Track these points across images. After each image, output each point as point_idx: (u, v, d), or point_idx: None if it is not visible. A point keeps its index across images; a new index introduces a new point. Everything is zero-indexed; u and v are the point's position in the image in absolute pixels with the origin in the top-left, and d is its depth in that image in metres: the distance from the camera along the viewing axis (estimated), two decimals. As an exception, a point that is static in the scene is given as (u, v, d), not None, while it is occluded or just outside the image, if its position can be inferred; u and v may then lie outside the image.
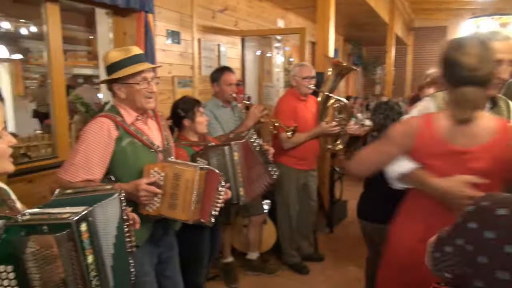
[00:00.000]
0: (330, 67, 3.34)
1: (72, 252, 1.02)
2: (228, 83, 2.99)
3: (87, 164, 1.67)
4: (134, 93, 1.78)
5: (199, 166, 1.73)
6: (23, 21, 6.00)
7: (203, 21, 4.18)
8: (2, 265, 0.99)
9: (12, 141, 1.15)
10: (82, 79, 7.38)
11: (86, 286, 1.06)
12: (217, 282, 3.26)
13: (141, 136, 1.81)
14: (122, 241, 1.29)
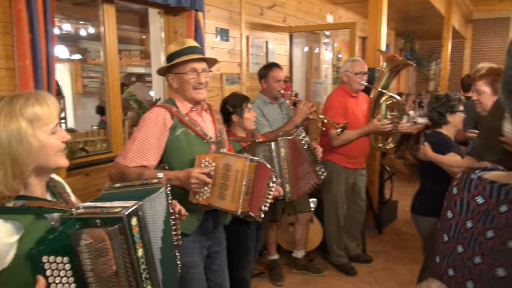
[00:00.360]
0: (384, 62, 3.21)
1: (123, 246, 1.04)
2: (276, 79, 2.97)
3: (143, 151, 1.76)
4: (184, 84, 1.86)
5: (249, 157, 1.74)
6: (82, 23, 6.33)
7: (251, 18, 4.19)
8: (59, 256, 1.01)
9: (66, 137, 1.17)
10: (135, 77, 7.69)
11: (136, 279, 1.07)
12: (262, 278, 3.26)
13: (195, 126, 1.87)
14: (169, 234, 1.31)
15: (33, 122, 1.07)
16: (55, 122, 1.13)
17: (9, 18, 2.23)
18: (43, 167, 1.12)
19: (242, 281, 2.58)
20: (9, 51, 2.26)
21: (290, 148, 2.31)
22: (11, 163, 1.03)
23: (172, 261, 1.33)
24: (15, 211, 1.04)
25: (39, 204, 1.09)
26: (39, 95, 1.12)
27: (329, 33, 5.78)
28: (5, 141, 1.02)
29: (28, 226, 1.04)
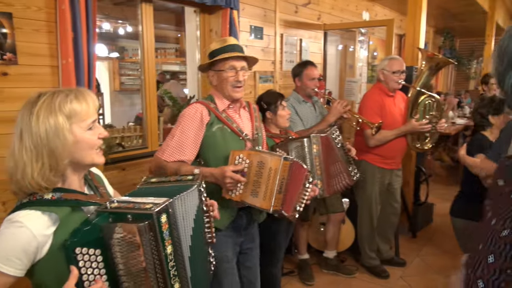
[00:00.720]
0: (424, 60, 3.10)
1: (152, 242, 1.04)
2: (310, 77, 2.94)
3: (181, 146, 1.81)
4: (222, 80, 1.89)
5: (284, 156, 1.73)
6: (121, 22, 6.52)
7: (285, 16, 4.18)
8: (91, 248, 1.02)
9: (103, 134, 1.18)
10: (169, 75, 7.84)
11: (164, 276, 1.08)
12: (291, 277, 3.25)
13: (231, 123, 1.89)
14: (200, 232, 1.30)
15: (70, 117, 1.09)
16: (93, 119, 1.14)
17: (54, 18, 2.33)
18: (78, 162, 1.14)
19: (272, 277, 2.58)
20: (53, 50, 2.36)
21: (323, 145, 2.29)
22: (48, 156, 1.06)
23: (203, 259, 1.32)
24: (53, 203, 1.08)
25: (76, 197, 1.12)
26: (79, 91, 1.14)
27: (365, 31, 5.67)
28: (43, 134, 1.06)
29: (64, 218, 1.08)
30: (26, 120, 1.08)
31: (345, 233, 3.47)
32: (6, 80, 2.19)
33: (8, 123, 2.22)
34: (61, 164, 1.08)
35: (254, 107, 2.10)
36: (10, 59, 2.20)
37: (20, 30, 2.22)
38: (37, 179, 1.06)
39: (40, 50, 2.32)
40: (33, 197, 1.08)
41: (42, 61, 2.33)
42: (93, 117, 1.14)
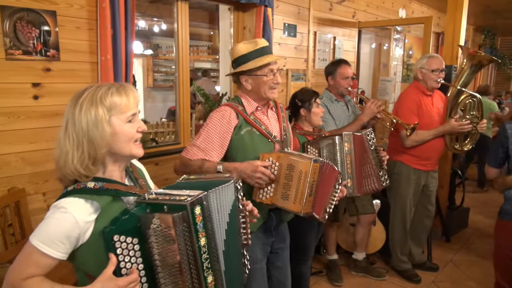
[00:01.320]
0: (465, 58, 2.99)
1: (186, 233, 1.06)
2: (344, 76, 2.89)
3: (206, 147, 1.81)
4: (260, 84, 1.85)
5: (314, 158, 1.71)
6: (156, 20, 6.64)
7: (320, 14, 4.14)
8: (129, 237, 1.05)
9: (142, 127, 1.20)
10: (201, 73, 7.94)
11: (198, 267, 1.09)
12: (320, 277, 3.22)
13: (260, 125, 1.88)
14: (236, 229, 1.29)
15: (110, 109, 1.13)
16: (132, 112, 1.17)
17: (95, 15, 2.41)
18: (117, 153, 1.17)
19: (302, 276, 2.57)
20: (93, 47, 2.44)
21: (355, 145, 2.26)
22: (87, 145, 1.11)
23: (237, 257, 1.31)
24: (95, 192, 1.12)
25: (116, 187, 1.15)
26: (121, 86, 1.18)
27: (401, 29, 5.53)
28: (84, 124, 1.11)
29: (105, 206, 1.12)
30: (71, 111, 1.14)
31: (375, 235, 3.41)
32: (49, 75, 2.29)
33: (50, 118, 2.32)
34: (99, 153, 1.12)
35: (281, 106, 2.07)
36: (53, 56, 2.29)
37: (63, 27, 2.31)
38: (76, 165, 1.11)
39: (81, 47, 2.40)
40: (77, 186, 1.13)
41: (82, 58, 2.42)
42: (132, 110, 1.17)
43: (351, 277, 3.24)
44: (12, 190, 2.20)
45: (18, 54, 2.16)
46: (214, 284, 1.14)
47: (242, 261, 1.35)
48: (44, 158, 2.32)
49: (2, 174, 2.17)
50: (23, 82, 2.20)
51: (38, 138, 2.29)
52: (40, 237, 1.07)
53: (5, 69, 2.12)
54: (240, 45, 1.88)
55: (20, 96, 2.19)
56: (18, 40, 2.14)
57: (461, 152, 3.17)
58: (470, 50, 3.03)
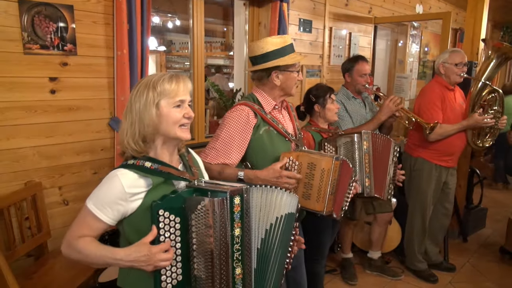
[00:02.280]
0: (490, 51, 2.91)
1: (222, 219, 1.13)
2: (361, 73, 2.84)
3: (226, 149, 1.77)
4: (290, 80, 1.84)
5: (335, 156, 1.68)
6: (170, 16, 6.65)
7: (335, 9, 4.08)
8: (172, 214, 1.14)
9: (189, 114, 1.28)
10: (214, 69, 7.93)
11: (227, 256, 1.14)
12: (334, 276, 3.19)
13: (277, 124, 1.85)
14: (279, 235, 1.32)
15: (160, 94, 1.24)
16: (181, 98, 1.26)
17: (111, 10, 2.40)
18: (164, 134, 1.27)
19: (316, 275, 2.54)
20: (110, 41, 2.44)
21: (373, 144, 2.23)
22: (138, 123, 1.25)
23: (276, 265, 1.32)
24: (150, 171, 1.24)
25: (169, 171, 1.26)
26: (175, 75, 1.30)
27: (418, 25, 5.44)
28: (137, 105, 1.25)
29: (156, 184, 1.23)
30: (132, 93, 1.29)
31: (391, 234, 3.36)
32: (66, 70, 2.30)
33: (67, 112, 2.33)
34: (147, 131, 1.25)
35: (290, 106, 2.05)
36: (70, 50, 2.30)
37: (80, 22, 2.31)
38: (128, 140, 1.26)
39: (98, 42, 2.40)
40: (137, 162, 1.25)
41: (99, 52, 2.42)
42: (182, 97, 1.26)
43: (365, 276, 3.20)
44: (29, 183, 2.22)
45: (36, 48, 2.16)
46: (241, 278, 1.18)
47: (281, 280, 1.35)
48: (61, 152, 2.34)
49: (19, 168, 2.19)
50: (40, 76, 2.20)
51: (55, 132, 2.30)
52: (93, 201, 1.21)
53: (23, 63, 2.13)
54: (270, 39, 1.83)
55: (38, 90, 2.21)
56: (36, 35, 2.15)
57: (482, 148, 3.10)
58: (495, 42, 2.95)
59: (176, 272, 1.17)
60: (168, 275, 1.15)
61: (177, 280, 1.16)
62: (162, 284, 1.14)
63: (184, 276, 1.17)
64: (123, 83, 2.44)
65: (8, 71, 2.09)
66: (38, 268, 2.17)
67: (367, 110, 2.94)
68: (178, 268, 1.17)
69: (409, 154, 3.09)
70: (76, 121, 2.37)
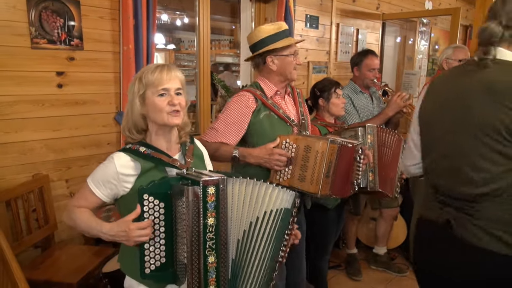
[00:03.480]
0: None
1: (195, 208, 1.17)
2: (370, 67, 2.82)
3: (224, 130, 1.84)
4: (286, 64, 1.88)
5: (331, 139, 1.70)
6: (178, 13, 6.68)
7: (343, 5, 4.06)
8: (157, 199, 1.21)
9: (172, 101, 1.31)
10: (223, 67, 7.96)
11: (200, 243, 1.18)
12: (338, 272, 3.19)
13: (278, 109, 1.89)
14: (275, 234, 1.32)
15: (146, 85, 1.32)
16: (164, 87, 1.30)
17: (117, 5, 2.43)
18: (155, 122, 1.34)
19: (319, 270, 2.55)
20: (116, 36, 2.47)
21: (378, 138, 2.22)
22: (130, 112, 1.35)
23: (264, 259, 1.32)
24: (142, 155, 1.31)
25: (161, 157, 1.32)
26: (160, 65, 1.34)
27: (427, 21, 5.39)
28: (129, 97, 1.36)
29: (146, 170, 1.30)
30: (129, 85, 1.38)
31: (396, 230, 3.34)
32: (72, 64, 2.33)
33: (73, 106, 2.37)
34: (136, 119, 1.34)
35: (298, 92, 2.08)
36: (77, 45, 2.33)
37: (86, 17, 2.34)
38: (124, 128, 1.38)
39: (104, 37, 2.44)
40: (132, 147, 1.33)
41: (105, 47, 2.45)
42: (165, 85, 1.31)
43: (370, 271, 3.19)
44: (36, 176, 2.26)
45: (43, 43, 2.20)
46: (215, 266, 1.21)
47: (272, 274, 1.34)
48: (67, 146, 2.37)
49: (27, 160, 2.23)
50: (47, 70, 2.24)
51: (62, 125, 2.33)
52: (92, 177, 1.33)
53: (31, 57, 2.17)
54: (264, 27, 1.91)
55: (45, 85, 2.24)
56: (43, 30, 2.19)
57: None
58: None
59: (160, 255, 1.24)
60: (152, 256, 1.22)
61: (161, 262, 1.24)
62: (146, 264, 1.21)
63: (167, 259, 1.24)
64: (129, 77, 2.46)
65: (16, 66, 2.13)
66: (44, 259, 2.21)
67: (374, 105, 2.92)
68: (161, 251, 1.24)
69: None
70: (82, 115, 2.41)
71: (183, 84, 1.37)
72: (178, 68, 1.37)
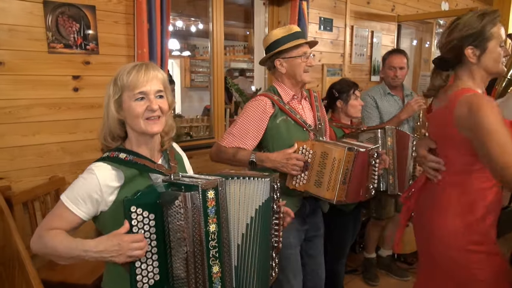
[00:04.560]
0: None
1: (195, 215, 1.06)
2: (390, 65, 2.79)
3: (242, 135, 1.83)
4: (295, 66, 1.87)
5: (348, 146, 1.67)
6: (193, 19, 6.76)
7: (357, 7, 4.04)
8: (146, 211, 1.07)
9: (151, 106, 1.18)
10: (237, 72, 8.00)
11: (203, 253, 1.07)
12: (355, 276, 3.13)
13: (295, 114, 1.87)
14: (264, 228, 1.24)
15: (121, 88, 1.18)
16: (141, 90, 1.17)
17: (132, 10, 2.46)
18: (133, 129, 1.21)
19: (336, 273, 2.50)
20: (130, 40, 2.50)
21: (398, 140, 2.19)
22: (106, 116, 1.23)
23: (262, 256, 1.24)
24: (124, 162, 1.17)
25: (145, 163, 1.19)
26: (138, 64, 1.20)
27: (443, 22, 5.30)
28: (105, 101, 1.23)
29: (130, 178, 1.16)
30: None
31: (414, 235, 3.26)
32: (88, 68, 2.36)
33: (89, 109, 2.40)
34: (112, 125, 1.21)
35: (315, 95, 2.06)
36: (92, 49, 2.36)
37: (101, 21, 2.38)
38: (100, 134, 1.24)
39: (119, 41, 2.47)
40: (111, 154, 1.19)
41: (120, 51, 2.48)
42: (142, 88, 1.17)
43: (386, 277, 3.12)
44: (53, 178, 2.29)
45: (60, 47, 2.24)
46: (220, 276, 1.11)
47: (270, 263, 1.29)
48: (83, 148, 2.40)
49: (43, 163, 2.26)
50: (64, 74, 2.28)
51: (77, 128, 2.37)
52: (67, 194, 1.15)
53: (48, 62, 2.21)
54: (274, 31, 1.92)
55: (61, 88, 2.28)
56: (59, 34, 2.23)
57: None
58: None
59: (153, 272, 1.09)
60: (144, 275, 1.08)
61: (154, 279, 1.09)
62: (138, 284, 1.06)
63: (161, 275, 1.10)
64: (143, 81, 2.48)
65: (34, 70, 2.17)
66: (60, 260, 2.23)
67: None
68: (154, 267, 1.10)
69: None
70: (97, 118, 2.43)
71: (164, 85, 1.23)
72: (158, 67, 1.24)
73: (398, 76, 2.78)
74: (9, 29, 2.07)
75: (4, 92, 2.09)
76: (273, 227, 1.28)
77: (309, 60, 1.88)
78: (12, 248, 1.58)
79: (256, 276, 1.23)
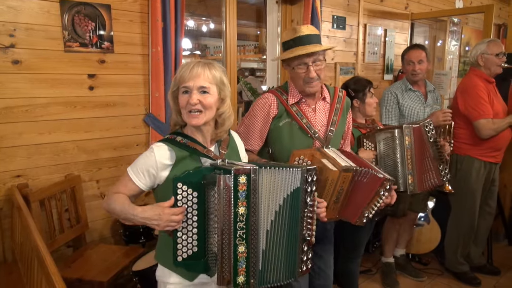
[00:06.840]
0: None
1: (225, 197, 1.18)
2: (407, 60, 2.75)
3: (247, 135, 1.81)
4: (295, 77, 1.77)
5: (344, 168, 1.59)
6: (204, 19, 6.76)
7: (370, 5, 4.00)
8: (190, 188, 1.23)
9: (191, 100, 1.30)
10: (248, 72, 7.99)
11: (230, 232, 1.19)
12: (369, 276, 3.09)
13: (301, 118, 1.78)
14: (294, 218, 1.30)
15: (178, 82, 1.34)
16: (185, 85, 1.30)
17: (147, 9, 2.47)
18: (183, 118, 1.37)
19: (350, 273, 2.47)
20: (145, 39, 2.51)
21: (415, 138, 2.15)
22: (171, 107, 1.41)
23: (290, 245, 1.31)
24: (178, 144, 1.34)
25: (196, 147, 1.35)
26: (196, 63, 1.33)
27: (458, 20, 5.23)
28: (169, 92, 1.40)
29: (181, 158, 1.32)
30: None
31: (429, 234, 3.22)
32: (103, 67, 2.38)
33: (104, 108, 2.41)
34: (174, 115, 1.40)
35: (339, 96, 1.90)
36: (107, 48, 2.38)
37: (117, 20, 2.39)
38: (170, 121, 1.45)
39: (134, 40, 2.48)
40: (170, 136, 1.37)
41: (134, 50, 2.49)
42: (187, 83, 1.30)
43: (402, 277, 3.07)
44: (69, 176, 2.31)
45: (76, 46, 2.26)
46: (246, 256, 1.21)
47: (300, 256, 1.33)
48: (98, 147, 2.42)
49: (60, 161, 2.28)
50: (79, 73, 2.30)
51: (93, 127, 2.38)
52: (132, 166, 1.35)
53: (64, 60, 2.23)
54: (284, 31, 1.87)
55: (77, 87, 2.30)
56: (75, 33, 2.25)
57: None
58: None
59: (192, 243, 1.25)
60: (184, 245, 1.24)
61: (193, 250, 1.25)
62: (178, 252, 1.23)
63: (199, 248, 1.25)
64: (157, 79, 2.50)
65: (50, 68, 2.19)
66: (76, 257, 2.25)
67: (427, 104, 2.79)
68: (194, 240, 1.25)
69: (455, 153, 2.94)
70: (113, 117, 2.45)
71: (214, 82, 1.32)
72: (211, 66, 1.33)
73: (416, 70, 2.73)
74: (26, 28, 2.10)
75: (21, 90, 2.12)
76: (305, 220, 1.33)
77: (308, 70, 1.70)
78: (31, 245, 1.59)
79: (283, 263, 1.31)
